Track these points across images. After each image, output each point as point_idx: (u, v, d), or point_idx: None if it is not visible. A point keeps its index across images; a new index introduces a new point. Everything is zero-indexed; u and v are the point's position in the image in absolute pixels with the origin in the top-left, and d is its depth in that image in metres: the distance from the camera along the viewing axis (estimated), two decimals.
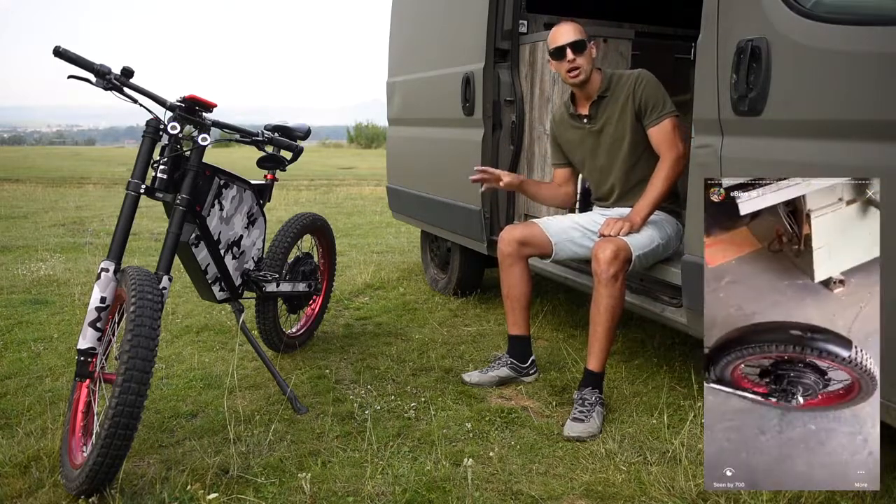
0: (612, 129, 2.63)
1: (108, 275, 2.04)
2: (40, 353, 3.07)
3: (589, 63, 2.57)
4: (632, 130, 2.59)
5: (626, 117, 2.59)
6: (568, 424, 2.33)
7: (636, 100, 2.56)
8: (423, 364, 2.98)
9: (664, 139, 2.52)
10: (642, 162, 2.63)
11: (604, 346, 2.43)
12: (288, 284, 2.94)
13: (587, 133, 2.70)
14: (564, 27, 2.58)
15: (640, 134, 2.60)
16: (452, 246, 4.06)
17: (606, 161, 2.68)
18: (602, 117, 2.64)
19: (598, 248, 2.40)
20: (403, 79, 4.32)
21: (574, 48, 2.53)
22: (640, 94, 2.55)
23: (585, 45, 2.55)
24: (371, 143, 30.33)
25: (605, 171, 2.70)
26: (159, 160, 2.16)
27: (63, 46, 2.05)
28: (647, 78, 2.57)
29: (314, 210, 5.52)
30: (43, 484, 1.96)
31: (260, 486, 1.97)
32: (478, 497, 1.92)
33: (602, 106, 2.63)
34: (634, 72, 2.61)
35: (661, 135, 2.53)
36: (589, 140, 2.70)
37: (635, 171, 2.64)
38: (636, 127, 2.59)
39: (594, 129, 2.67)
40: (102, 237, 6.08)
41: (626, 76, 2.61)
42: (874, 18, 1.70)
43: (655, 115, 2.54)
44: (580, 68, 2.54)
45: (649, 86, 2.55)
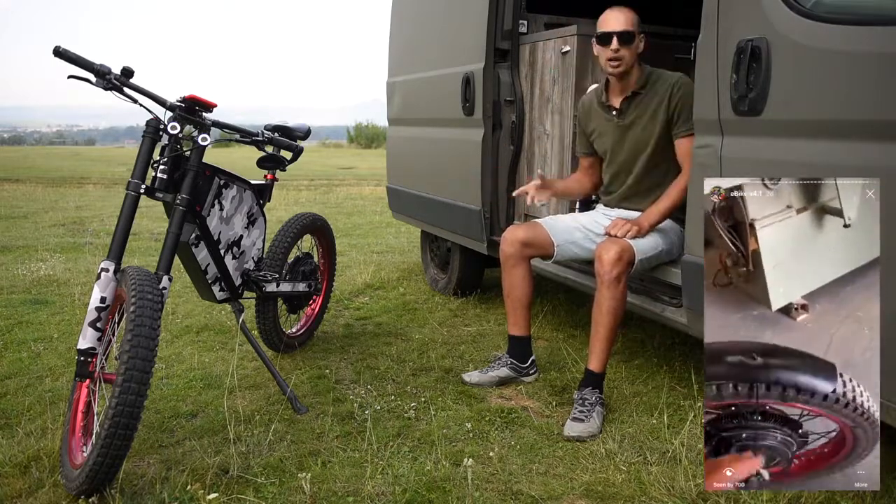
0: (641, 128, 2.57)
1: (108, 275, 2.04)
2: (40, 353, 3.07)
3: (633, 56, 2.50)
4: (659, 134, 2.53)
5: (658, 120, 2.53)
6: (568, 424, 2.33)
7: (671, 105, 2.49)
8: (423, 364, 2.98)
9: (690, 153, 2.40)
10: (660, 167, 2.59)
11: (605, 346, 2.42)
12: (288, 284, 2.94)
13: (615, 126, 2.63)
14: (616, 13, 2.49)
15: (666, 139, 2.54)
16: (452, 246, 4.06)
17: (627, 158, 2.63)
18: (632, 114, 2.58)
19: (602, 249, 2.40)
20: (403, 79, 4.32)
21: (621, 38, 2.45)
22: (676, 99, 2.48)
23: (634, 37, 2.48)
24: (371, 143, 30.31)
25: (624, 167, 2.66)
26: (159, 160, 2.16)
27: (63, 46, 2.05)
28: (685, 84, 2.48)
29: (314, 210, 5.52)
30: (43, 484, 1.96)
31: (260, 486, 1.97)
32: (478, 497, 1.92)
33: (635, 102, 2.57)
34: (676, 75, 2.54)
35: (687, 147, 2.42)
36: (615, 133, 2.64)
37: (651, 175, 2.61)
38: (664, 132, 2.53)
39: (622, 124, 2.61)
40: (102, 237, 6.08)
41: (666, 77, 2.54)
42: (874, 18, 1.70)
43: (687, 126, 2.44)
44: (622, 60, 2.47)
45: (687, 93, 2.44)
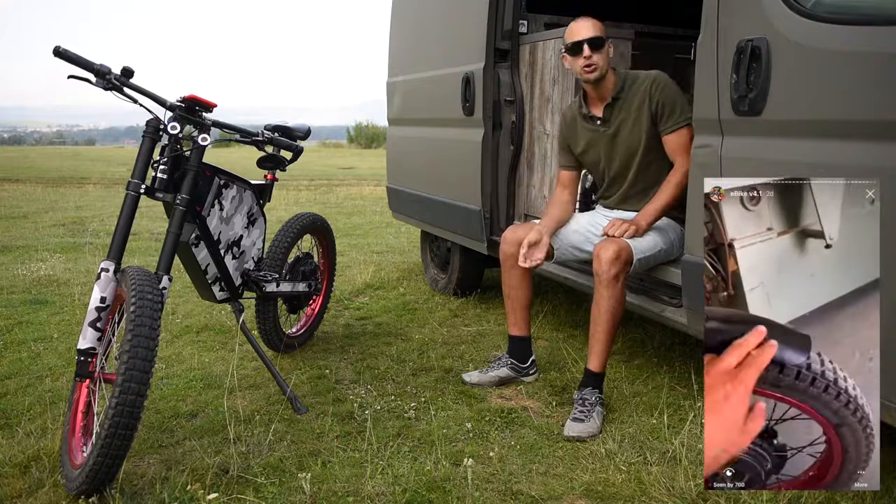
0: (627, 133, 2.58)
1: (108, 275, 2.04)
2: (40, 353, 3.07)
3: (605, 61, 2.52)
4: (647, 135, 2.54)
5: (642, 121, 2.54)
6: (568, 424, 2.33)
7: (653, 104, 2.51)
8: (423, 364, 2.98)
9: (681, 147, 2.47)
10: (654, 166, 2.59)
11: (604, 346, 2.42)
12: (288, 284, 2.94)
13: (601, 136, 2.64)
14: (583, 22, 2.53)
15: (654, 138, 2.55)
16: (452, 246, 4.06)
17: (620, 164, 2.64)
18: (616, 120, 2.59)
19: (600, 249, 2.40)
20: (403, 79, 4.32)
21: (592, 45, 2.48)
22: (656, 98, 2.50)
23: (604, 42, 2.50)
24: (371, 143, 30.29)
25: (619, 173, 2.66)
26: (159, 160, 2.16)
27: (63, 46, 2.05)
28: (664, 81, 2.51)
29: (314, 210, 5.52)
30: (43, 484, 1.96)
31: (260, 486, 1.97)
32: (478, 497, 1.92)
33: (616, 108, 2.58)
34: (651, 74, 2.56)
35: (678, 142, 2.48)
36: (602, 143, 2.64)
37: (646, 176, 2.61)
38: (651, 131, 2.54)
39: (608, 133, 2.62)
40: (102, 237, 6.08)
41: (642, 78, 2.56)
42: (874, 18, 1.70)
43: (672, 121, 2.48)
44: (596, 65, 2.50)
45: (666, 89, 2.49)
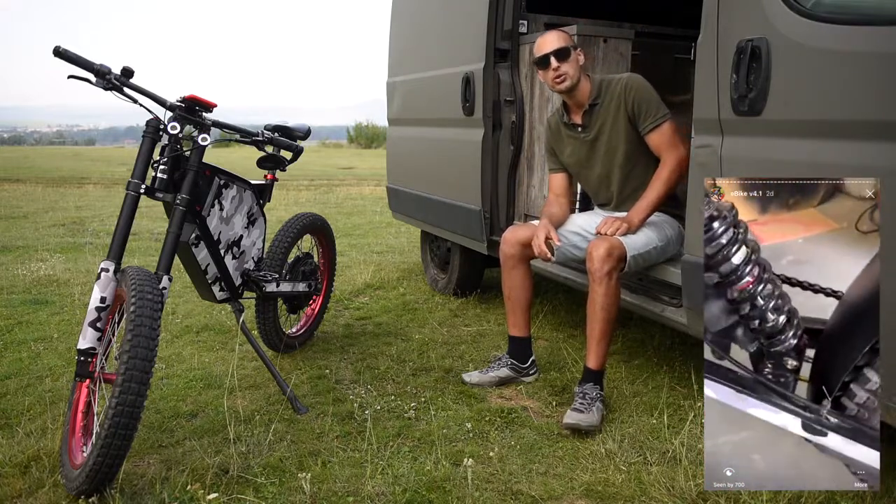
0: (607, 137, 2.61)
1: (108, 275, 2.04)
2: (40, 353, 3.07)
3: (575, 70, 2.56)
4: (626, 137, 2.58)
5: (620, 124, 2.58)
6: (567, 413, 2.33)
7: (628, 106, 2.54)
8: (423, 364, 2.98)
9: (665, 142, 2.51)
10: (640, 167, 2.61)
11: (601, 343, 2.43)
12: (288, 284, 2.94)
13: (582, 142, 2.68)
14: (548, 36, 2.58)
15: (635, 140, 2.58)
16: (452, 246, 4.06)
17: (603, 169, 2.66)
18: (595, 126, 2.63)
19: (592, 247, 2.41)
20: (403, 79, 4.32)
21: (557, 56, 2.53)
22: (630, 100, 2.53)
23: (570, 52, 2.55)
24: (371, 143, 30.30)
25: (603, 179, 2.69)
26: (159, 160, 2.16)
27: (63, 46, 2.05)
28: (636, 83, 2.55)
29: (314, 210, 5.52)
30: (43, 484, 1.96)
31: (260, 486, 1.97)
32: (478, 497, 1.92)
33: (594, 114, 2.62)
34: (623, 77, 2.60)
35: (660, 139, 2.52)
36: (584, 149, 2.68)
37: (633, 177, 2.63)
38: (631, 133, 2.57)
39: (588, 139, 2.65)
40: (102, 237, 6.08)
41: (615, 82, 2.59)
42: (874, 18, 1.70)
43: (650, 120, 2.52)
44: (565, 74, 2.54)
45: (640, 91, 2.53)
